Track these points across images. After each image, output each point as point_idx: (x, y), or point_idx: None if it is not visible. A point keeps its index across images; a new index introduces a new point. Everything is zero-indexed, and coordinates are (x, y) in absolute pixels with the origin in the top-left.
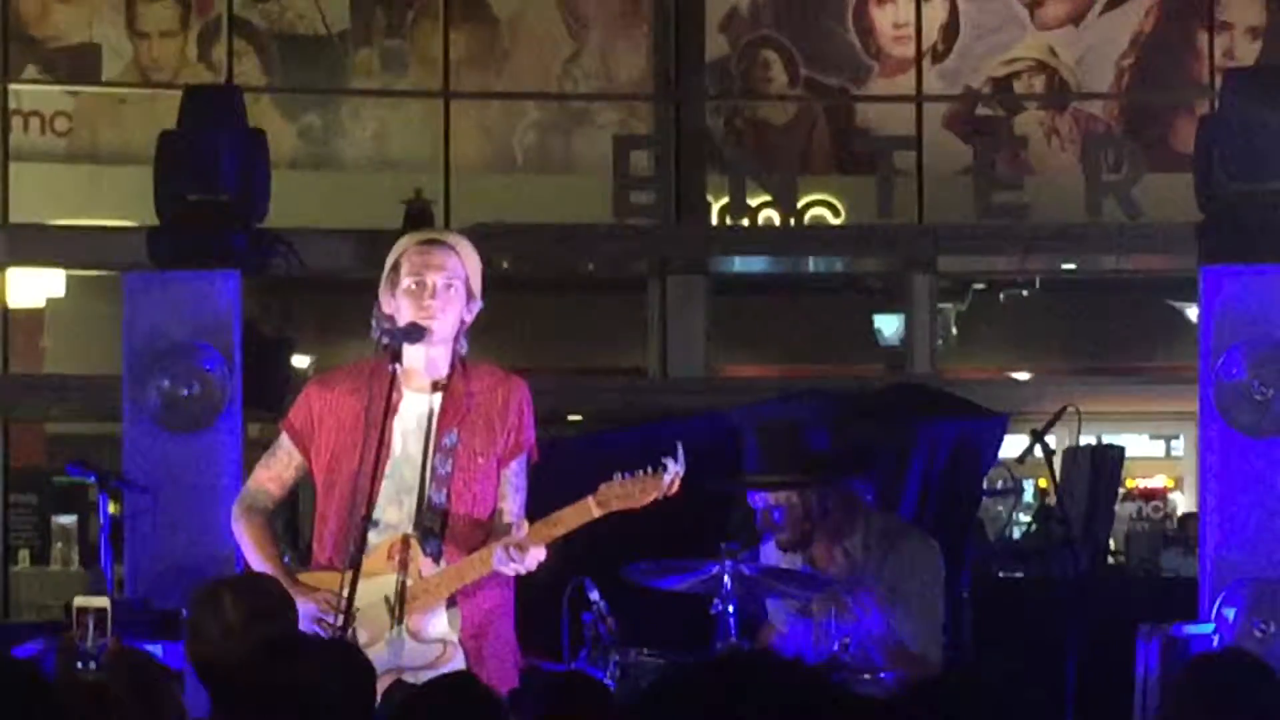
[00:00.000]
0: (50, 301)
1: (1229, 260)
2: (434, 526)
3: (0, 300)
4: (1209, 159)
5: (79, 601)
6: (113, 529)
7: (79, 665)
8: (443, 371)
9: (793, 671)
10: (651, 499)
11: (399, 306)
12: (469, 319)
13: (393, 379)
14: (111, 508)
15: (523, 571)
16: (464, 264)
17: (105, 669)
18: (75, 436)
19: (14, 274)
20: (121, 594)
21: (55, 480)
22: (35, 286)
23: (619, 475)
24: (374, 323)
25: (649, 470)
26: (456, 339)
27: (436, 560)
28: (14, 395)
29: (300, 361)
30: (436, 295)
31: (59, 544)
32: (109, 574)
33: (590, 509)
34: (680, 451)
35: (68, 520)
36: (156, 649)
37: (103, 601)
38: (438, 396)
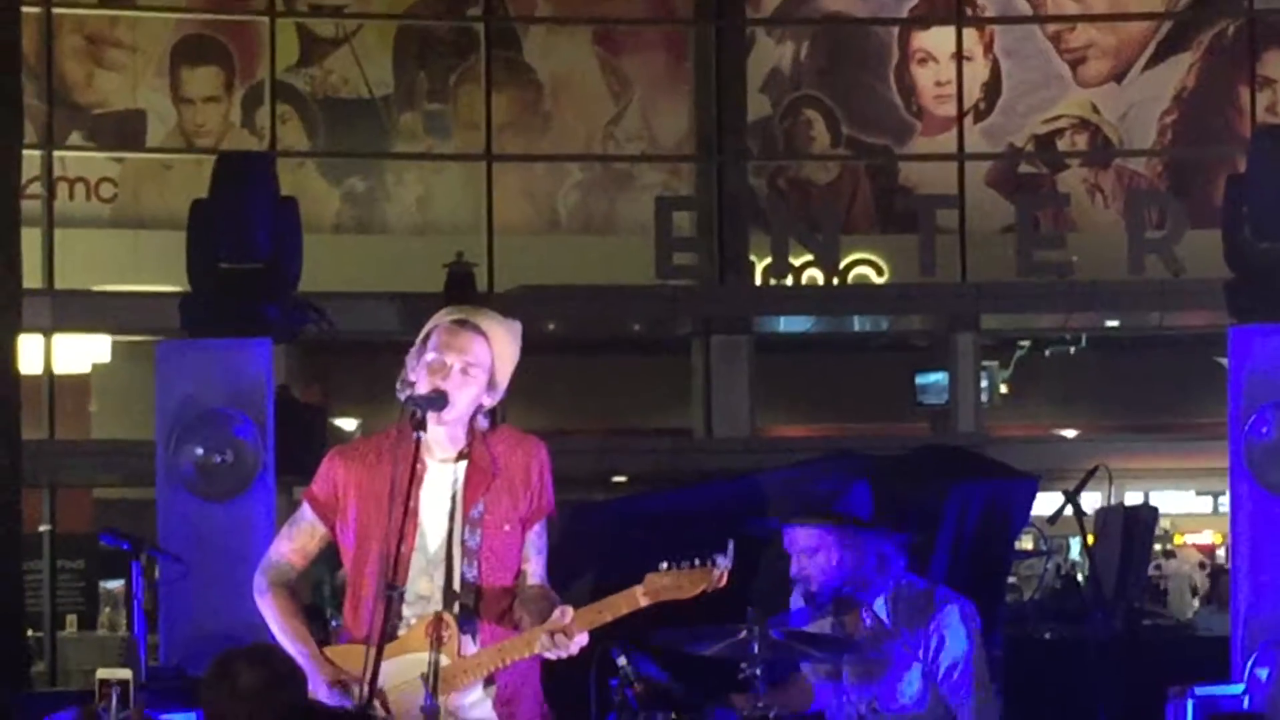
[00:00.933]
0: (96, 367)
1: (1258, 319)
2: (469, 602)
3: (46, 366)
4: (1237, 217)
5: (102, 673)
6: (149, 595)
7: None
8: (462, 442)
9: None
10: (700, 591)
11: (419, 378)
12: (489, 404)
13: (417, 446)
14: (156, 573)
15: (564, 655)
16: (491, 351)
17: None
18: (122, 501)
19: (60, 340)
20: (156, 661)
21: (102, 545)
22: (81, 352)
23: (665, 564)
24: (399, 384)
25: (697, 562)
26: (473, 418)
27: (474, 638)
28: (60, 461)
29: (347, 424)
30: (450, 378)
31: (107, 609)
32: (142, 642)
33: (638, 598)
34: (731, 547)
35: (115, 585)
36: (189, 717)
37: (125, 673)
38: (462, 465)
